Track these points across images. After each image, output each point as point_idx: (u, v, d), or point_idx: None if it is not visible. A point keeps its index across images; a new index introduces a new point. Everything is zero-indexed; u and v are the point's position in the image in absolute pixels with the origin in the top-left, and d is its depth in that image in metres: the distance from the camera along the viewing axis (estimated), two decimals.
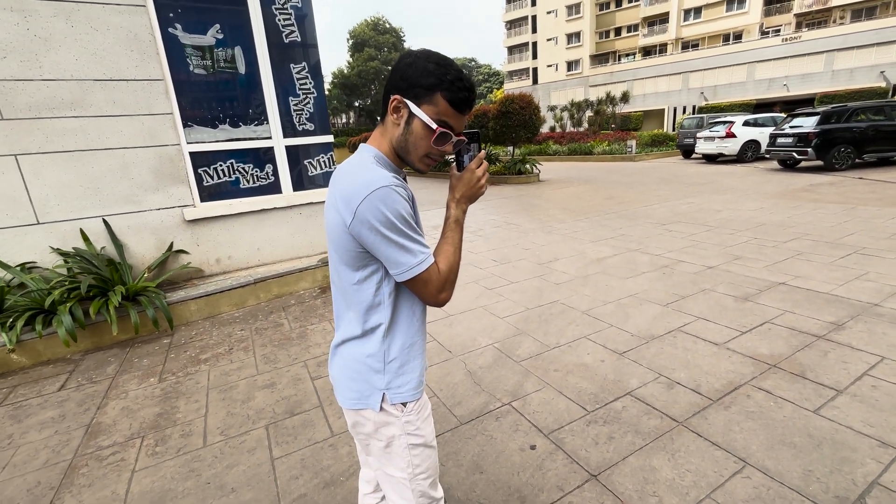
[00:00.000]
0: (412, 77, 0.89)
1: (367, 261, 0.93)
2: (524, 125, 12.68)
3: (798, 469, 1.77)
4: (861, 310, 3.15)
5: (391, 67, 0.95)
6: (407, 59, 0.91)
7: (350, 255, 0.93)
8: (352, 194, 0.86)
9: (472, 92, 0.92)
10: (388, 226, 0.85)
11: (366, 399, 1.00)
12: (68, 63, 3.44)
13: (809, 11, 31.16)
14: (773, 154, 11.84)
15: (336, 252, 0.96)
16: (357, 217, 0.85)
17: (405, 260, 0.89)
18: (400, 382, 1.01)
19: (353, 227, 0.87)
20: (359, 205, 0.85)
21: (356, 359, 1.00)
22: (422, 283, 0.92)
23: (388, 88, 0.94)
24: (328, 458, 2.03)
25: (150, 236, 3.99)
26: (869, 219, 5.75)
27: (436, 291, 0.94)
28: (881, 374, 2.36)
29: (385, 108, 0.95)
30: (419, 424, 1.04)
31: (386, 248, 0.88)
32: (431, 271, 0.92)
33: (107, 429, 2.36)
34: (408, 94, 0.90)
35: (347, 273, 0.96)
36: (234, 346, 3.30)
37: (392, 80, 0.93)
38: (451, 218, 1.01)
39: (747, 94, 30.61)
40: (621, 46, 41.16)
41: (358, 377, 1.01)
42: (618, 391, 2.40)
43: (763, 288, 3.69)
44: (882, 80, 25.60)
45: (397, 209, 0.86)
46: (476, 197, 1.04)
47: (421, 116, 0.90)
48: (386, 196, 0.85)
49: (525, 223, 7.13)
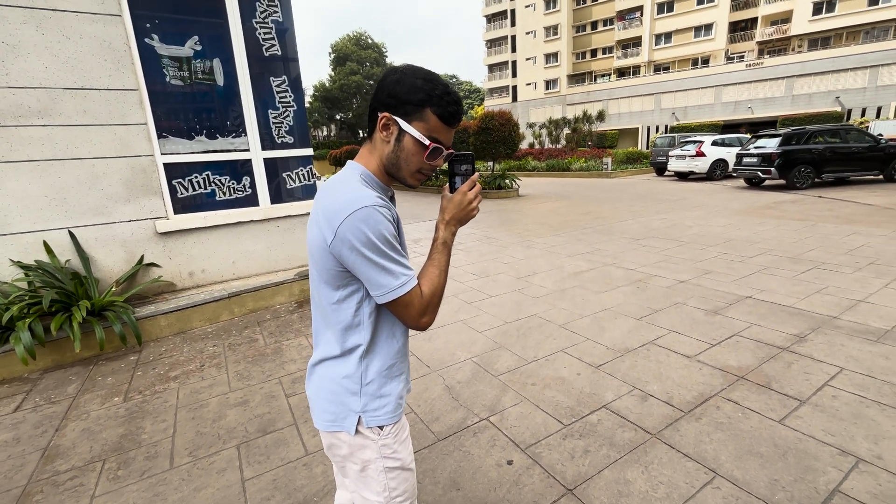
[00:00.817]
0: (400, 94, 0.89)
1: (347, 280, 0.91)
2: (504, 141, 12.93)
3: (765, 478, 1.83)
4: (821, 322, 3.30)
5: (376, 84, 0.94)
6: (393, 75, 0.90)
7: (330, 274, 0.91)
8: (334, 212, 0.85)
9: (460, 105, 0.93)
10: (369, 246, 0.84)
11: (341, 421, 0.98)
12: (37, 71, 3.35)
13: (770, 39, 33.12)
14: (740, 173, 12.40)
15: (316, 270, 0.94)
16: (338, 236, 0.84)
17: (386, 282, 0.87)
18: (377, 405, 0.98)
19: (333, 245, 0.86)
20: (340, 224, 0.83)
21: (332, 379, 0.98)
22: (402, 306, 0.90)
23: (374, 106, 0.93)
24: (302, 478, 1.98)
25: (120, 249, 3.86)
26: (827, 235, 6.06)
27: (417, 315, 0.91)
28: (840, 385, 2.47)
29: (372, 125, 0.94)
30: (396, 447, 1.02)
31: (367, 269, 0.86)
32: (413, 294, 0.89)
33: (65, 452, 2.24)
34: (397, 111, 0.90)
35: (327, 292, 0.94)
36: (205, 362, 3.20)
37: (379, 97, 0.91)
38: (439, 240, 0.98)
39: (715, 115, 32.11)
40: (597, 67, 42.69)
41: (334, 398, 0.98)
42: (593, 404, 2.43)
43: (731, 301, 3.83)
44: (837, 105, 27.30)
45: (379, 229, 0.84)
46: (467, 219, 1.02)
47: (412, 133, 0.90)
48: (368, 216, 0.83)
49: (504, 237, 7.21)
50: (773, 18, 33.07)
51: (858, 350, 2.85)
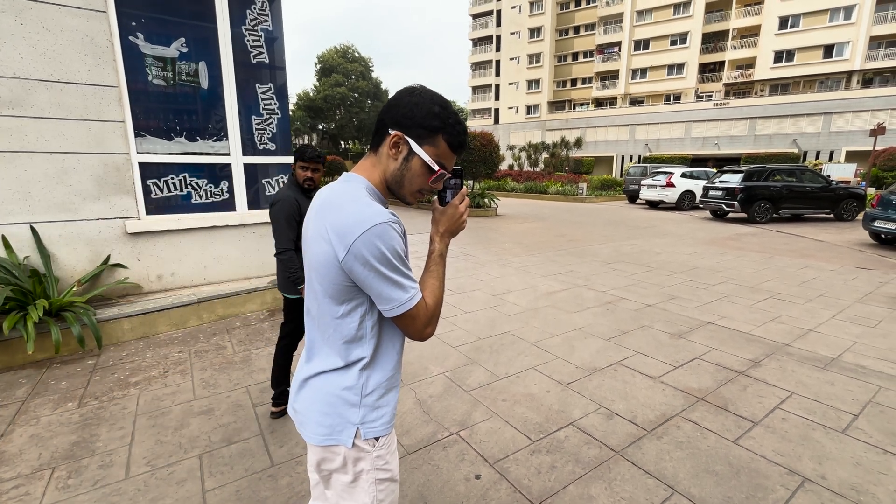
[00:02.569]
0: (417, 117, 0.91)
1: (353, 294, 0.91)
2: (484, 161, 13.22)
3: (719, 496, 1.91)
4: (775, 349, 3.50)
5: (390, 101, 0.94)
6: (411, 97, 0.92)
7: (336, 289, 0.91)
8: (347, 229, 0.85)
9: (467, 134, 1.00)
10: (383, 262, 0.85)
11: (338, 435, 0.96)
12: (12, 60, 3.25)
13: (736, 82, 35.37)
14: (706, 204, 13.05)
15: (321, 285, 0.93)
16: (352, 252, 0.84)
17: (397, 296, 0.88)
18: (374, 416, 0.98)
19: (346, 261, 0.86)
20: (355, 240, 0.84)
21: (330, 392, 0.96)
22: (410, 319, 0.91)
23: (386, 122, 0.94)
24: (266, 489, 1.93)
25: (85, 248, 3.71)
26: (783, 267, 6.43)
27: (422, 326, 0.93)
28: (790, 408, 2.62)
29: (379, 139, 0.95)
30: (388, 458, 1.02)
31: (379, 284, 0.87)
32: (420, 306, 0.91)
33: (10, 459, 2.11)
34: (410, 132, 0.92)
35: (330, 306, 0.93)
36: (169, 368, 3.09)
37: (393, 114, 0.93)
38: (436, 252, 1.01)
39: (685, 149, 33.79)
40: (577, 96, 44.37)
41: (331, 411, 0.96)
42: (561, 421, 2.48)
43: (694, 326, 4.00)
44: (795, 147, 29.23)
45: (393, 245, 0.86)
46: (458, 231, 1.05)
47: (423, 156, 0.93)
48: (383, 232, 0.84)
49: (481, 255, 7.31)
50: (739, 63, 35.41)
51: (807, 376, 3.03)
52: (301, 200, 2.40)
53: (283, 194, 2.40)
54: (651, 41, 37.75)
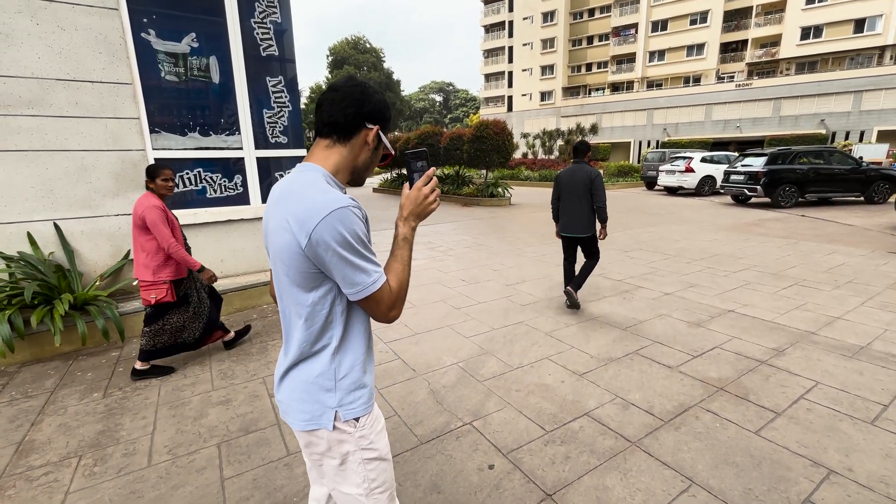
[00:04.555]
0: (384, 111, 1.02)
1: (320, 281, 0.93)
2: (497, 150, 13.04)
3: (739, 488, 1.86)
4: (799, 337, 3.38)
5: (356, 96, 0.98)
6: (376, 94, 1.01)
7: (303, 277, 0.93)
8: (308, 215, 0.87)
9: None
10: (345, 246, 0.87)
11: (317, 419, 1.00)
12: (30, 60, 3.32)
13: (759, 61, 33.99)
14: (727, 189, 12.65)
15: (287, 275, 0.95)
16: (313, 238, 0.86)
17: (360, 279, 0.90)
18: (351, 398, 1.01)
19: (308, 248, 0.88)
20: (316, 226, 0.86)
21: (305, 380, 1.00)
22: (374, 302, 0.94)
23: (363, 116, 0.98)
24: (282, 478, 1.97)
25: (106, 243, 3.81)
26: (809, 253, 6.21)
27: (387, 309, 0.96)
28: (815, 398, 2.53)
29: (347, 131, 0.98)
30: (373, 438, 1.05)
31: (343, 268, 0.89)
32: (384, 290, 0.94)
33: (40, 447, 2.20)
34: (381, 126, 1.02)
35: (299, 294, 0.95)
36: (188, 359, 3.17)
37: (367, 110, 0.98)
38: (400, 236, 1.03)
39: (705, 132, 32.76)
40: (592, 81, 43.34)
41: (308, 398, 1.00)
42: (576, 411, 2.45)
43: (714, 315, 3.90)
44: (822, 128, 28.05)
45: (354, 229, 0.88)
46: (426, 214, 1.06)
47: (387, 143, 1.05)
48: (344, 217, 0.87)
49: (495, 245, 7.26)
50: (763, 41, 33.98)
51: (834, 365, 2.92)
52: None
53: None
54: (669, 21, 36.47)
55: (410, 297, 4.54)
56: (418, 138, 15.39)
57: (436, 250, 6.95)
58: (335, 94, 0.97)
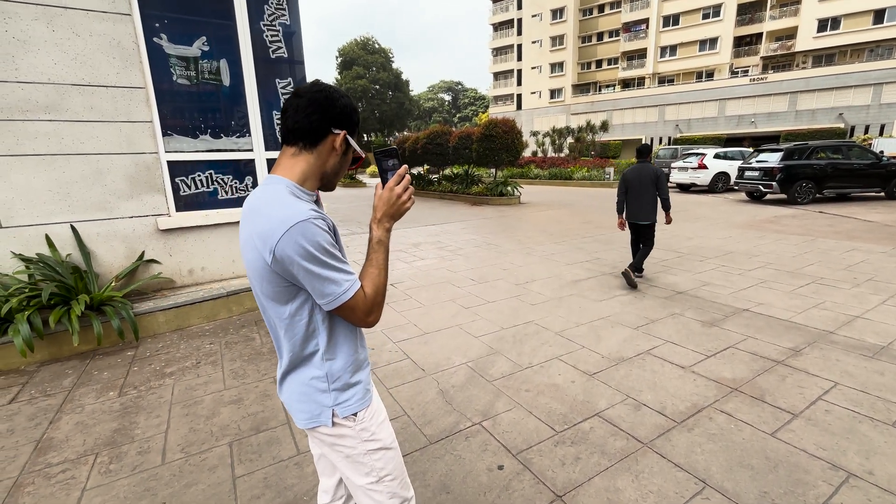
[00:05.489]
0: (351, 115, 1.00)
1: (294, 293, 0.94)
2: (507, 149, 12.99)
3: (755, 491, 1.82)
4: (817, 337, 3.30)
5: (320, 102, 0.95)
6: (342, 98, 0.98)
7: (276, 291, 0.93)
8: (269, 232, 0.87)
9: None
10: (309, 259, 0.87)
11: (317, 417, 1.03)
12: (46, 66, 3.39)
13: (775, 55, 33.31)
14: (742, 186, 12.42)
15: (261, 290, 0.96)
16: (277, 254, 0.86)
17: (330, 290, 0.90)
18: (346, 397, 1.04)
19: (274, 264, 0.88)
20: (277, 241, 0.85)
21: (302, 382, 1.03)
22: (349, 310, 0.94)
23: (328, 121, 0.96)
24: (293, 476, 1.98)
25: (121, 244, 3.88)
26: (827, 251, 6.06)
27: (363, 315, 0.96)
28: (834, 399, 2.47)
29: (313, 137, 0.96)
30: (374, 430, 1.07)
31: (311, 281, 0.89)
32: (357, 297, 0.94)
33: (58, 445, 2.25)
34: (349, 130, 1.00)
35: (277, 308, 0.96)
36: (201, 359, 3.21)
37: (332, 115, 0.96)
38: (374, 239, 1.02)
39: (719, 128, 32.21)
40: (602, 78, 42.92)
41: (306, 399, 1.03)
42: (586, 412, 2.43)
43: (728, 313, 3.83)
44: (841, 122, 27.37)
45: (317, 241, 0.87)
46: (400, 214, 1.04)
47: (356, 147, 1.04)
48: (305, 230, 0.86)
49: (504, 244, 7.23)
50: (778, 34, 33.27)
51: (854, 365, 2.85)
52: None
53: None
54: (681, 16, 35.94)
55: (419, 297, 4.54)
56: (427, 138, 15.39)
57: (445, 250, 6.95)
58: (299, 101, 0.95)
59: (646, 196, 4.78)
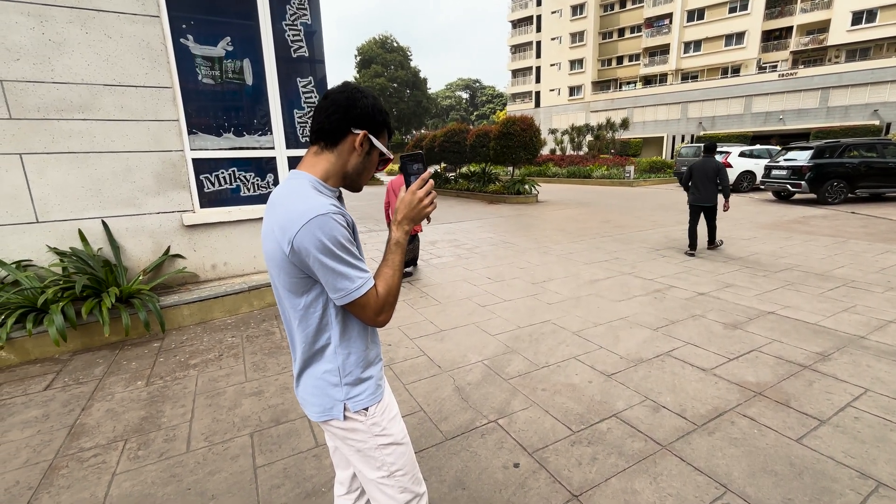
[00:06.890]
0: (374, 115, 1.00)
1: (309, 286, 0.96)
2: (524, 146, 12.89)
3: (778, 497, 1.78)
4: (847, 342, 3.19)
5: (341, 103, 0.97)
6: (365, 99, 0.99)
7: (293, 282, 0.96)
8: (288, 223, 0.89)
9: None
10: (325, 252, 0.88)
11: (329, 411, 1.05)
12: (80, 67, 3.53)
13: (805, 49, 32.09)
14: (768, 185, 12.04)
15: (279, 281, 0.98)
16: (295, 245, 0.88)
17: (343, 285, 0.92)
18: (357, 391, 1.06)
19: (291, 255, 0.90)
20: (296, 233, 0.88)
21: (315, 376, 1.05)
22: (360, 307, 0.95)
23: (348, 122, 0.98)
24: (311, 468, 2.02)
25: (148, 239, 4.02)
26: (859, 253, 5.83)
27: (373, 314, 0.97)
28: (864, 406, 2.38)
29: (335, 137, 0.99)
30: (385, 425, 1.09)
31: (325, 274, 0.91)
32: (369, 296, 0.95)
33: (90, 430, 2.35)
34: (371, 129, 1.01)
35: (293, 300, 0.99)
36: (224, 352, 3.30)
37: (352, 115, 0.98)
38: (392, 240, 1.03)
39: (744, 126, 31.24)
40: (623, 74, 42.12)
41: (319, 392, 1.05)
42: (604, 412, 2.40)
43: (752, 316, 3.73)
44: (876, 119, 26.21)
45: (335, 235, 0.89)
46: (420, 218, 1.06)
47: (381, 148, 1.04)
48: (323, 224, 0.88)
49: (521, 242, 7.19)
50: (809, 28, 32.04)
51: (886, 371, 2.74)
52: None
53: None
54: (706, 10, 34.95)
55: (436, 295, 4.56)
56: (444, 136, 15.39)
57: (461, 248, 6.95)
58: (324, 102, 0.99)
59: (709, 185, 5.89)
